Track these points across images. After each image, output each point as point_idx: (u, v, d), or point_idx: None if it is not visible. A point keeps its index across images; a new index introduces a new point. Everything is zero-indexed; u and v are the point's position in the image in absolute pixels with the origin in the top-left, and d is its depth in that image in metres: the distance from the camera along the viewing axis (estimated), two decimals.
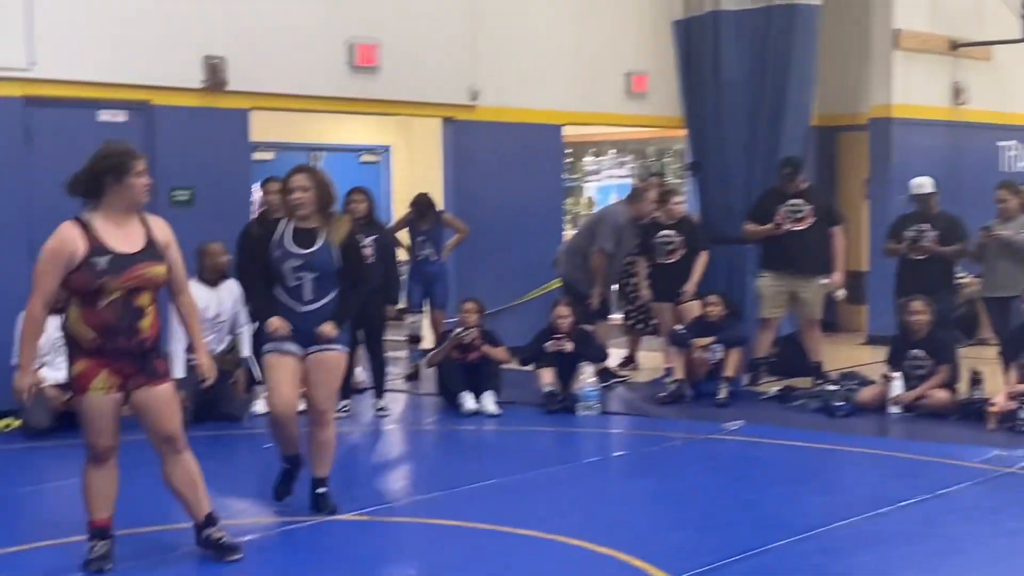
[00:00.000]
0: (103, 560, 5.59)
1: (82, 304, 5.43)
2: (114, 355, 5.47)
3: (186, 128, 10.16)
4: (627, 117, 14.11)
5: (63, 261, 5.37)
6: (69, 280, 5.40)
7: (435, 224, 11.34)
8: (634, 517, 6.57)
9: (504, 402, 9.64)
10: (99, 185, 5.49)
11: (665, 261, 10.66)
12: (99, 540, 5.63)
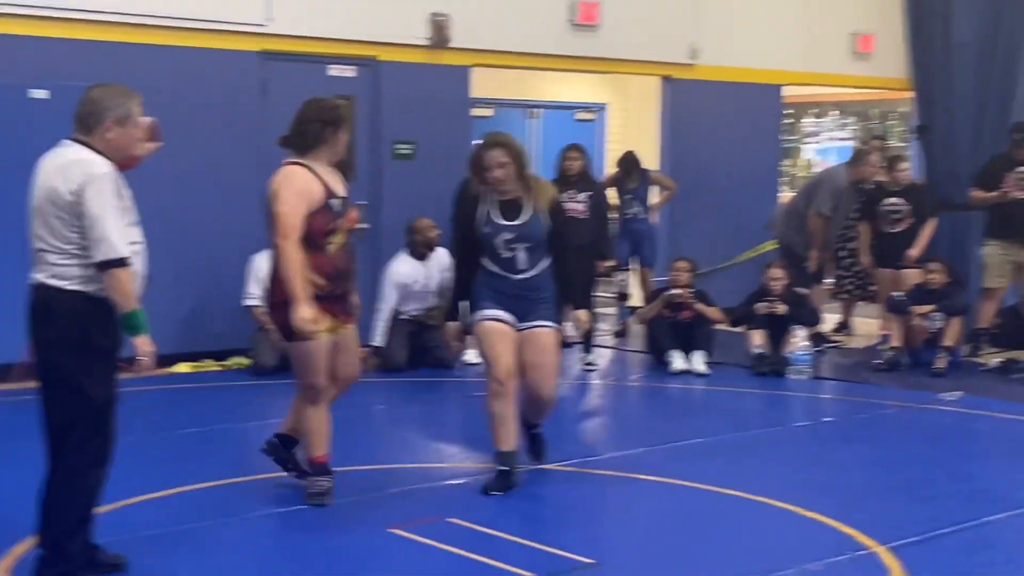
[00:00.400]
0: (326, 495, 5.85)
1: (311, 251, 5.61)
2: (333, 299, 5.72)
3: (410, 84, 10.45)
4: (851, 78, 13.79)
5: (307, 201, 5.59)
6: (307, 222, 5.58)
7: (642, 182, 11.37)
8: (843, 483, 6.50)
9: (713, 362, 9.65)
10: (317, 136, 5.71)
11: (891, 230, 10.44)
12: (322, 476, 5.91)
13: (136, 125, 4.68)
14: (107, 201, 4.49)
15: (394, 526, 5.50)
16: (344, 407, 8.10)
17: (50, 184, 4.55)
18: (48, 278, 4.57)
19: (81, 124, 4.65)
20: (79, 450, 4.61)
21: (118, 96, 4.66)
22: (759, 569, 5.00)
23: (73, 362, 4.55)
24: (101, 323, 4.57)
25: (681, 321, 9.74)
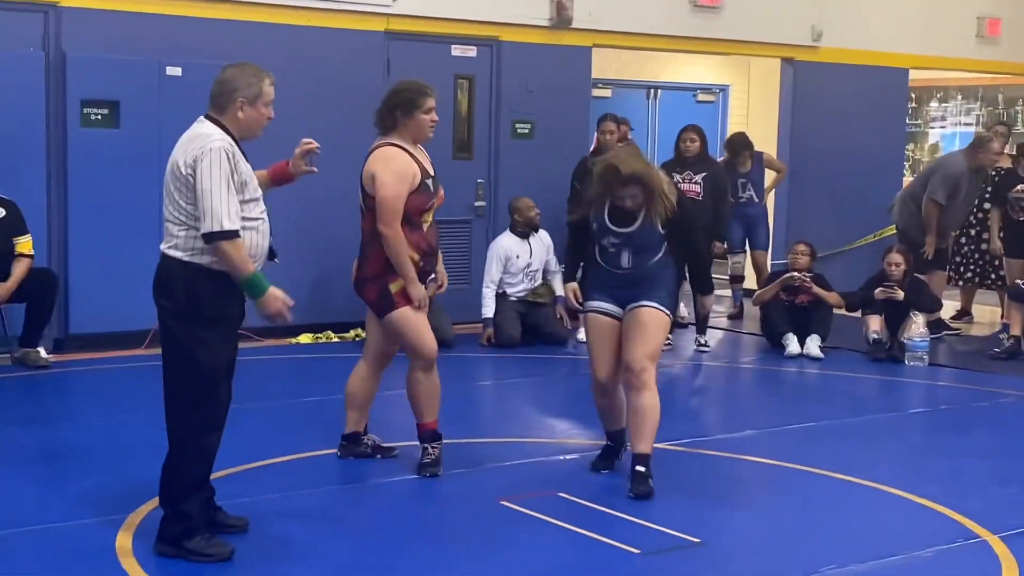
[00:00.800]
0: (436, 465, 6.00)
1: (409, 229, 5.75)
2: (423, 276, 5.87)
3: (530, 64, 10.55)
4: (977, 62, 13.56)
5: (409, 182, 5.74)
6: (407, 201, 5.73)
7: (756, 165, 11.29)
8: (957, 471, 6.45)
9: (828, 347, 9.60)
10: (392, 118, 5.86)
11: (1019, 218, 10.29)
12: (435, 443, 6.05)
13: (266, 105, 4.81)
14: (217, 175, 4.59)
15: (506, 498, 5.61)
16: (458, 381, 8.32)
17: (175, 158, 4.71)
18: (169, 249, 4.73)
19: (214, 102, 4.80)
20: (191, 414, 4.76)
21: (250, 76, 4.79)
22: (867, 555, 5.01)
23: (186, 330, 4.70)
24: (215, 294, 4.70)
25: (798, 305, 9.71)
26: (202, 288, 4.68)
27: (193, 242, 4.67)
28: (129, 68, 8.88)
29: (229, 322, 4.82)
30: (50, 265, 8.70)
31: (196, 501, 4.83)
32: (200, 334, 4.70)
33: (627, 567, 4.87)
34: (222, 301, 4.74)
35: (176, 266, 4.70)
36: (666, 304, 5.88)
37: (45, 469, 6.05)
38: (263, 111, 4.81)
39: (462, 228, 10.49)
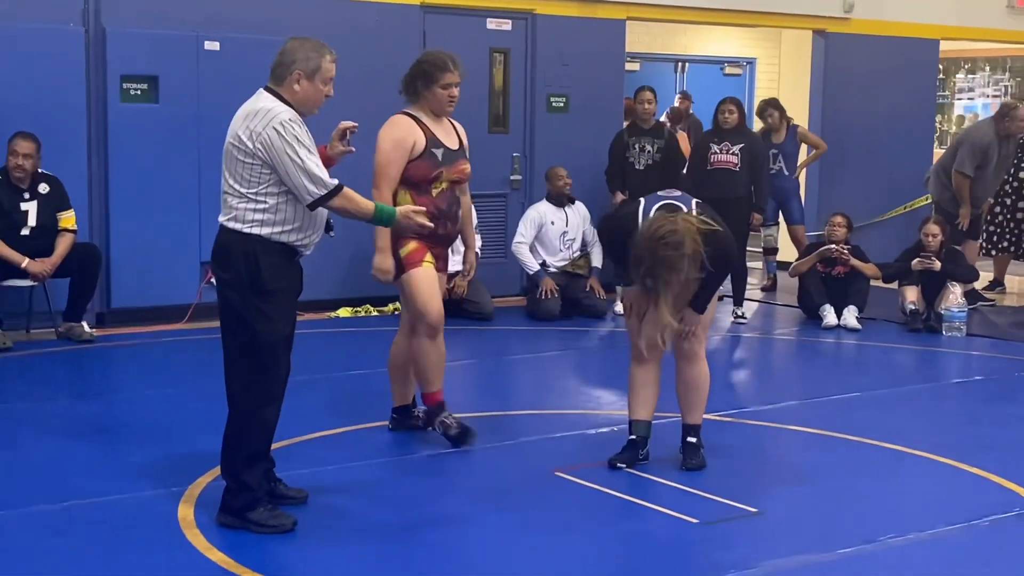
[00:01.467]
0: (468, 433, 6.00)
1: (416, 193, 5.80)
2: (435, 240, 5.86)
3: (565, 37, 10.54)
4: (1008, 32, 13.51)
5: (405, 149, 5.77)
6: (409, 169, 5.79)
7: (789, 137, 11.24)
8: (1005, 441, 6.45)
9: (865, 318, 9.61)
10: (414, 87, 5.91)
11: None
12: (444, 413, 6.04)
13: (324, 80, 4.80)
14: (296, 145, 4.63)
15: (560, 469, 5.65)
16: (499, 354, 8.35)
17: (235, 131, 4.73)
18: (228, 220, 4.76)
19: (273, 74, 4.81)
20: (250, 386, 4.79)
21: (310, 50, 4.78)
22: (925, 524, 5.03)
23: (245, 301, 4.73)
24: (274, 265, 4.73)
25: (834, 276, 9.72)
26: (261, 260, 4.71)
27: (252, 214, 4.70)
28: (168, 43, 8.90)
29: (288, 294, 4.84)
30: (92, 240, 8.74)
31: (257, 473, 4.86)
32: (259, 306, 4.72)
33: (689, 536, 4.90)
34: (281, 273, 4.77)
35: (235, 238, 4.74)
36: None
37: (99, 441, 6.10)
38: (321, 87, 4.80)
39: (498, 201, 10.51)
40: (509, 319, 9.71)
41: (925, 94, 13.03)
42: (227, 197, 4.77)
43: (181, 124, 8.94)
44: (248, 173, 4.69)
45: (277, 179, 4.70)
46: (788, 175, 11.22)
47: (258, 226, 4.71)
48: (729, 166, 9.48)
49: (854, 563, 4.63)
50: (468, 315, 9.54)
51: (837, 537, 4.87)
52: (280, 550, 4.65)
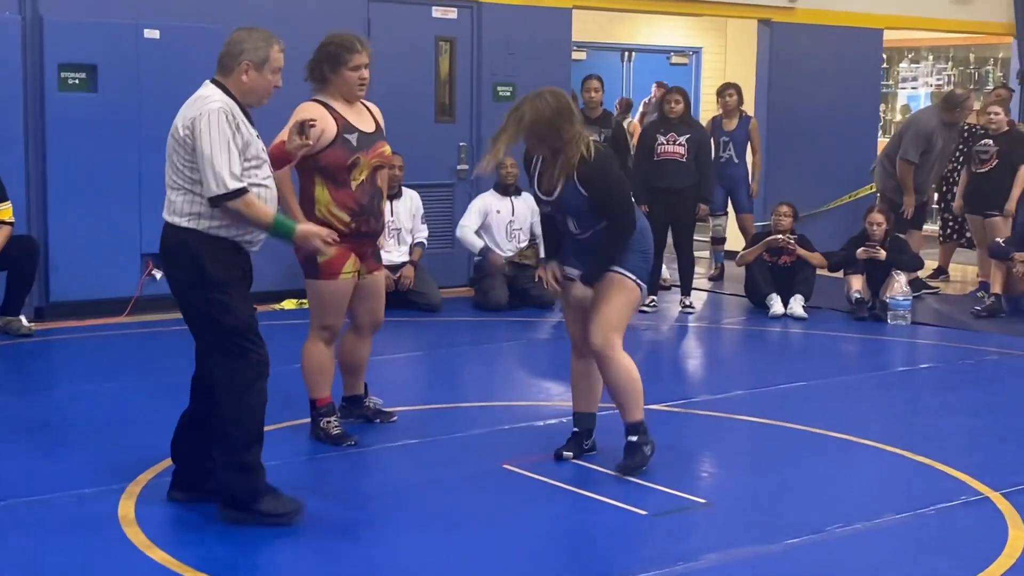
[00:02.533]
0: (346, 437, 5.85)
1: (334, 187, 5.59)
2: (359, 238, 5.71)
3: (511, 26, 10.48)
4: (951, 22, 13.63)
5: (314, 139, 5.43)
6: (322, 158, 5.54)
7: (740, 127, 11.26)
8: (950, 429, 6.50)
9: (811, 307, 9.65)
10: (321, 72, 5.67)
11: (977, 171, 10.44)
12: (330, 416, 5.89)
13: (273, 71, 4.71)
14: (216, 136, 4.52)
15: (508, 462, 5.61)
16: (446, 346, 8.30)
17: (175, 121, 4.65)
18: (169, 216, 4.68)
19: (220, 64, 4.72)
20: (232, 373, 4.69)
21: (258, 40, 4.69)
22: (873, 513, 5.04)
23: (199, 296, 4.65)
24: (216, 258, 4.63)
25: (781, 265, 9.75)
26: (203, 253, 4.62)
27: (190, 207, 4.61)
28: (107, 31, 8.75)
29: (237, 283, 4.74)
30: (29, 232, 8.58)
31: (257, 453, 4.77)
32: (213, 297, 4.64)
33: (638, 528, 4.88)
34: (225, 264, 4.68)
35: (175, 232, 4.65)
36: (631, 267, 5.39)
37: (38, 438, 5.98)
38: (270, 78, 4.71)
39: (445, 191, 10.45)
40: (457, 310, 9.65)
41: (869, 83, 13.11)
42: (168, 191, 4.69)
43: (120, 114, 8.80)
44: (182, 164, 4.61)
45: None
46: (738, 163, 11.24)
47: (195, 219, 4.62)
48: (676, 157, 9.48)
49: (802, 553, 4.63)
50: (415, 306, 9.48)
51: (785, 528, 4.86)
52: (221, 548, 4.57)
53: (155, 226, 9.22)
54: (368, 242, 5.82)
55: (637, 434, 5.51)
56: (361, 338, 6.08)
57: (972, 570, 4.45)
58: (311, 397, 5.87)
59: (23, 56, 8.54)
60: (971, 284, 11.27)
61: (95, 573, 4.33)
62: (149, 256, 9.00)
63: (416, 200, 9.69)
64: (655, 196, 9.46)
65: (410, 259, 9.58)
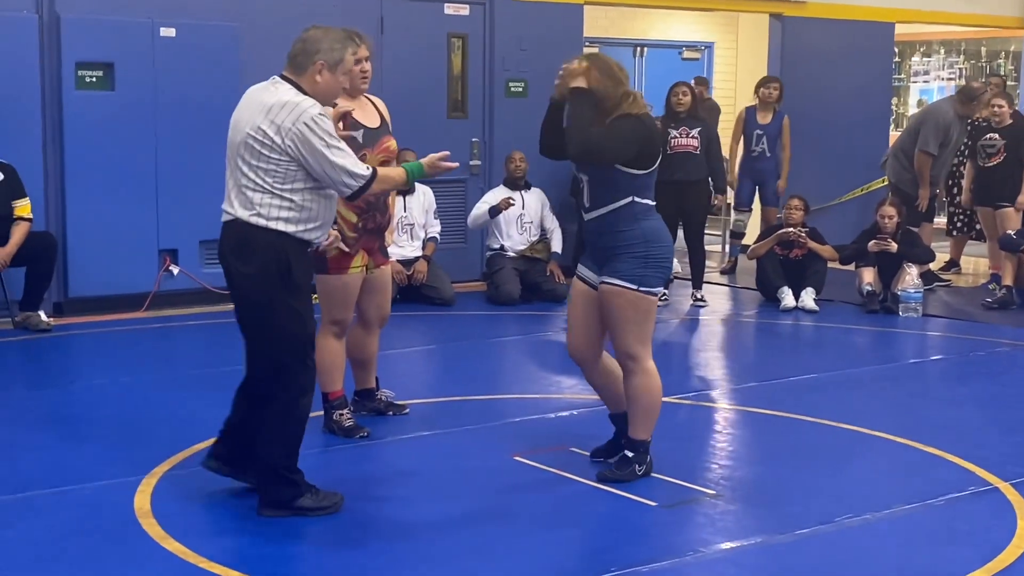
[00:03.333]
0: (357, 429, 5.93)
1: None
2: (367, 233, 5.77)
3: (523, 22, 10.53)
4: (963, 16, 13.63)
5: None
6: None
7: (775, 120, 11.26)
8: (961, 420, 6.54)
9: (822, 299, 9.69)
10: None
11: (984, 164, 10.47)
12: (343, 409, 5.97)
13: (345, 73, 4.74)
14: (328, 138, 4.56)
15: (519, 454, 5.66)
16: (459, 339, 8.37)
17: (255, 122, 4.60)
18: (251, 216, 4.63)
19: (292, 62, 4.71)
20: (291, 381, 4.73)
21: (334, 41, 4.69)
22: (881, 503, 5.08)
23: (272, 298, 4.64)
24: (301, 261, 4.69)
25: (792, 258, 9.79)
26: (292, 256, 4.65)
27: (278, 211, 4.62)
28: (123, 29, 8.82)
29: (309, 289, 4.80)
30: (48, 228, 8.67)
31: (296, 460, 4.83)
32: (289, 303, 4.66)
33: (646, 519, 4.93)
34: (306, 268, 4.76)
35: (260, 234, 4.63)
36: (632, 276, 5.14)
37: (56, 431, 6.06)
38: (341, 79, 4.74)
39: (457, 187, 10.51)
40: (469, 304, 9.72)
41: (881, 77, 13.12)
42: (247, 192, 4.63)
43: (137, 111, 8.88)
44: (275, 167, 4.59)
45: (305, 175, 4.62)
46: (770, 156, 11.25)
47: (284, 223, 4.63)
48: (689, 149, 9.55)
49: (811, 544, 4.67)
50: (428, 300, 9.55)
51: (795, 518, 4.91)
52: (236, 540, 4.64)
53: (172, 222, 9.37)
54: (376, 237, 5.88)
55: (635, 451, 5.34)
56: (369, 332, 6.14)
57: (981, 560, 4.49)
58: (323, 391, 5.92)
59: (41, 54, 8.62)
60: (982, 276, 11.29)
61: (111, 564, 4.38)
62: (166, 252, 9.09)
63: (429, 195, 9.76)
64: (665, 189, 9.46)
65: (423, 254, 9.65)
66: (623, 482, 5.26)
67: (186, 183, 8.99)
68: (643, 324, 5.21)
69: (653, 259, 5.16)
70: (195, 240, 9.10)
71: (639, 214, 5.17)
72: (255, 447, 4.83)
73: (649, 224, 5.19)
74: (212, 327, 8.68)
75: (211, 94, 8.98)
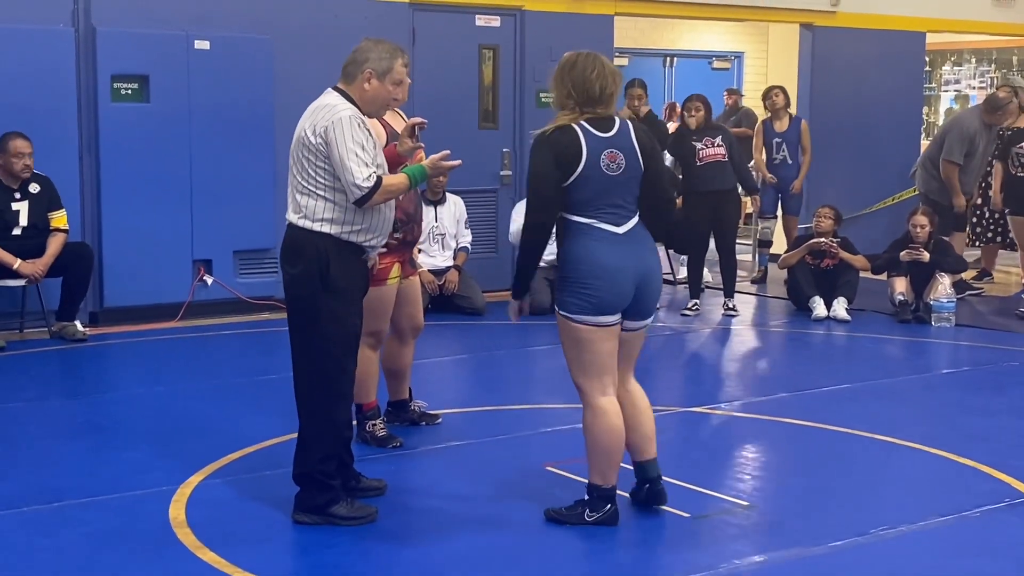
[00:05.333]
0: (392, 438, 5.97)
1: None
2: (403, 246, 5.81)
3: (554, 33, 10.55)
4: (993, 25, 13.59)
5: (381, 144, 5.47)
6: None
7: (792, 127, 11.29)
8: (996, 431, 6.50)
9: (854, 309, 9.66)
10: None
11: (1019, 174, 10.40)
12: (377, 419, 6.01)
13: (394, 82, 4.83)
14: (351, 143, 4.64)
15: (550, 463, 5.67)
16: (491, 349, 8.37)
17: (302, 127, 4.76)
18: (298, 219, 4.76)
19: (344, 72, 4.85)
20: (321, 386, 4.80)
21: (383, 51, 4.82)
22: (916, 516, 5.06)
23: (314, 299, 4.73)
24: (343, 263, 4.76)
25: (823, 268, 9.77)
26: (332, 257, 4.73)
27: (322, 212, 4.72)
28: (158, 42, 8.91)
29: (354, 292, 4.88)
30: (84, 239, 8.75)
31: (331, 469, 4.87)
32: (328, 304, 4.74)
33: (679, 530, 4.92)
34: (349, 271, 4.80)
35: (304, 236, 4.75)
36: (558, 298, 4.83)
37: (92, 441, 6.12)
38: (390, 88, 4.84)
39: (488, 197, 10.55)
40: (500, 314, 9.71)
41: (912, 86, 13.09)
42: (296, 195, 4.78)
43: (172, 123, 8.96)
44: (313, 169, 4.72)
45: None
46: (791, 163, 11.27)
47: (328, 224, 4.73)
48: (719, 157, 9.55)
49: (846, 556, 4.66)
50: (459, 310, 9.57)
51: (829, 530, 4.90)
52: (271, 550, 4.66)
53: (206, 232, 9.45)
54: (409, 249, 5.95)
55: (589, 496, 4.91)
56: (403, 343, 6.17)
57: (1017, 572, 4.49)
58: (357, 402, 5.92)
59: (77, 67, 8.71)
60: (1015, 286, 11.23)
61: (146, 574, 4.41)
62: (200, 262, 9.15)
63: (460, 205, 9.78)
64: (699, 200, 9.51)
65: (454, 263, 9.68)
66: (565, 524, 4.89)
67: (220, 194, 9.06)
68: (576, 352, 4.80)
69: (572, 282, 4.73)
70: (229, 250, 9.16)
71: (568, 230, 4.75)
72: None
73: (575, 243, 4.72)
74: (246, 336, 8.74)
75: (245, 106, 9.06)
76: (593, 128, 4.71)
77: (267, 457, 5.47)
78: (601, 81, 4.73)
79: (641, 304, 4.84)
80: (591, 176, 4.67)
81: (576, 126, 4.69)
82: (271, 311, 9.06)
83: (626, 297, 4.75)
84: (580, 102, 4.73)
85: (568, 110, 4.76)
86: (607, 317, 4.74)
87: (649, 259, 4.85)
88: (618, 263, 4.70)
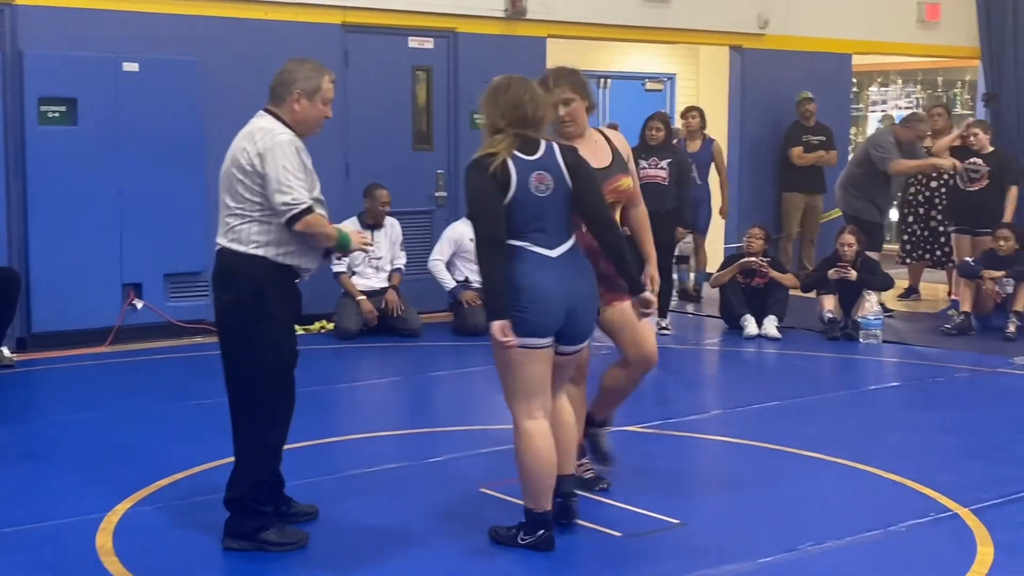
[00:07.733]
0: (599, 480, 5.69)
1: None
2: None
3: (487, 55, 10.60)
4: (919, 47, 13.83)
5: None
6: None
7: (703, 149, 11.43)
8: (921, 446, 6.61)
9: (784, 327, 9.78)
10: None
11: (968, 188, 10.58)
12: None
13: (324, 100, 4.81)
14: (288, 165, 4.63)
15: (485, 485, 5.68)
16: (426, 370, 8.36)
17: (234, 153, 4.73)
18: (229, 242, 4.72)
19: (273, 94, 4.83)
20: (254, 412, 4.77)
21: (309, 70, 4.81)
22: (843, 531, 5.12)
23: (247, 324, 4.69)
24: (278, 287, 4.73)
25: (754, 287, 9.88)
26: (267, 281, 4.70)
27: (255, 235, 4.69)
28: (86, 65, 8.84)
29: (288, 317, 4.83)
30: (11, 264, 8.64)
31: (264, 495, 4.84)
32: (261, 329, 4.70)
33: (610, 550, 4.94)
34: (283, 296, 4.77)
35: (237, 259, 4.71)
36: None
37: (19, 467, 6.03)
38: (320, 107, 4.83)
39: (423, 218, 10.56)
40: (436, 335, 9.74)
41: (839, 107, 13.29)
42: (228, 219, 4.74)
43: (101, 146, 8.89)
44: (247, 192, 4.68)
45: None
46: (700, 184, 11.39)
47: (262, 247, 4.70)
48: (658, 180, 9.64)
49: (775, 572, 4.71)
50: (396, 332, 9.57)
51: (758, 546, 4.94)
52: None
53: (136, 256, 9.35)
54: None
55: (523, 520, 4.91)
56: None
57: None
58: None
59: (3, 90, 8.62)
60: (941, 303, 11.42)
61: None
62: (130, 286, 9.07)
63: (396, 227, 9.80)
64: None
65: (390, 284, 9.69)
66: (502, 544, 4.90)
67: (150, 217, 8.99)
68: (504, 373, 4.80)
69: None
70: (159, 274, 9.08)
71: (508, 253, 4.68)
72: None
73: (507, 266, 4.64)
74: (177, 361, 8.67)
75: (174, 128, 9.01)
76: (519, 152, 4.74)
77: (197, 483, 5.42)
78: (533, 105, 4.78)
79: (574, 328, 4.85)
80: (522, 199, 4.70)
81: (503, 151, 4.72)
82: (202, 335, 8.99)
83: (557, 320, 4.76)
84: (511, 124, 4.77)
85: (499, 132, 4.78)
86: (537, 340, 4.74)
87: (582, 283, 4.86)
88: (550, 286, 4.70)
